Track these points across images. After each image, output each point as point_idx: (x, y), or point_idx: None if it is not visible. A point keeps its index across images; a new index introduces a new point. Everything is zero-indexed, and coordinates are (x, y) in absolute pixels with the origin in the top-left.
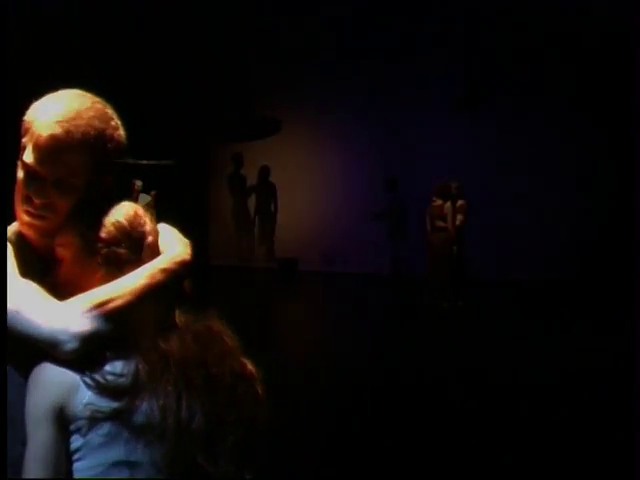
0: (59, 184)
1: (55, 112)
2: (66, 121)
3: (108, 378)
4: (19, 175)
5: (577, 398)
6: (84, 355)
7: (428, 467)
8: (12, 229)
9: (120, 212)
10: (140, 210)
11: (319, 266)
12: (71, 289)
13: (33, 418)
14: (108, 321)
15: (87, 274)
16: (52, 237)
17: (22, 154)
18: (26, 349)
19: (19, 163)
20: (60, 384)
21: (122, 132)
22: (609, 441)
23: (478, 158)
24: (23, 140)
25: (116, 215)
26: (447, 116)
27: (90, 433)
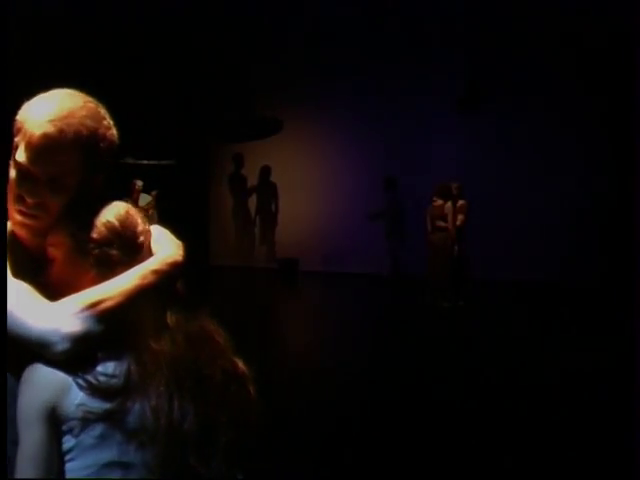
0: (51, 183)
1: (47, 111)
2: (58, 120)
3: (100, 379)
4: (11, 174)
5: (577, 398)
6: (76, 356)
7: (428, 467)
8: None
9: (111, 212)
10: (132, 210)
11: (320, 266)
12: (63, 289)
13: (25, 418)
14: (99, 322)
15: (79, 274)
16: (44, 237)
17: (14, 153)
18: (18, 349)
19: (11, 162)
20: (52, 384)
21: (114, 131)
22: (609, 441)
23: (478, 158)
24: (15, 139)
25: (107, 215)
26: (447, 116)
27: (82, 434)
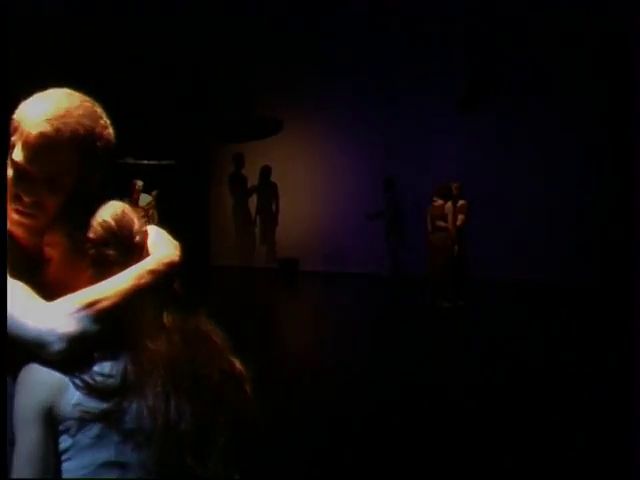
0: (48, 182)
1: (44, 110)
2: (55, 119)
3: (97, 379)
4: (8, 173)
5: (577, 398)
6: (72, 356)
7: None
8: None
9: (108, 212)
10: (128, 209)
11: (320, 266)
12: (59, 289)
13: (21, 418)
14: (96, 322)
15: (75, 274)
16: (41, 236)
17: (11, 152)
18: (14, 349)
19: (8, 162)
20: (49, 384)
21: (111, 131)
22: (609, 441)
23: (478, 158)
24: (12, 139)
25: (104, 215)
26: (447, 116)
27: (79, 434)
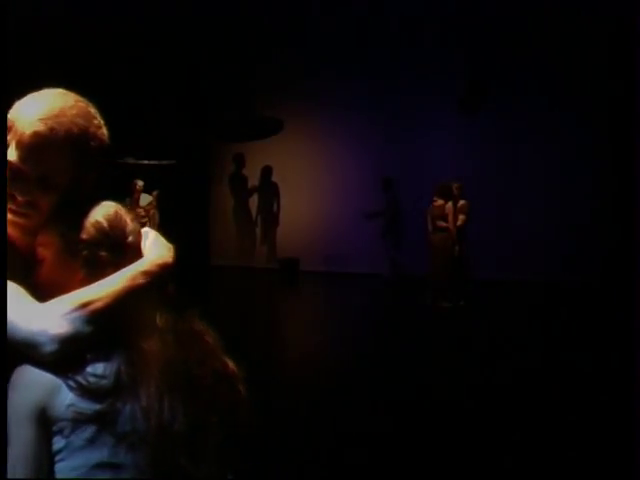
0: (42, 182)
1: (38, 110)
2: (49, 118)
3: (90, 380)
4: None
5: (577, 398)
6: (64, 357)
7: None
8: None
9: (100, 212)
10: (121, 210)
11: (320, 266)
12: (52, 290)
13: (15, 419)
14: (89, 323)
15: (68, 275)
16: (35, 236)
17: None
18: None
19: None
20: (42, 385)
21: (105, 131)
22: (609, 441)
23: (478, 158)
24: (7, 138)
25: (96, 215)
26: (447, 116)
27: (72, 435)
